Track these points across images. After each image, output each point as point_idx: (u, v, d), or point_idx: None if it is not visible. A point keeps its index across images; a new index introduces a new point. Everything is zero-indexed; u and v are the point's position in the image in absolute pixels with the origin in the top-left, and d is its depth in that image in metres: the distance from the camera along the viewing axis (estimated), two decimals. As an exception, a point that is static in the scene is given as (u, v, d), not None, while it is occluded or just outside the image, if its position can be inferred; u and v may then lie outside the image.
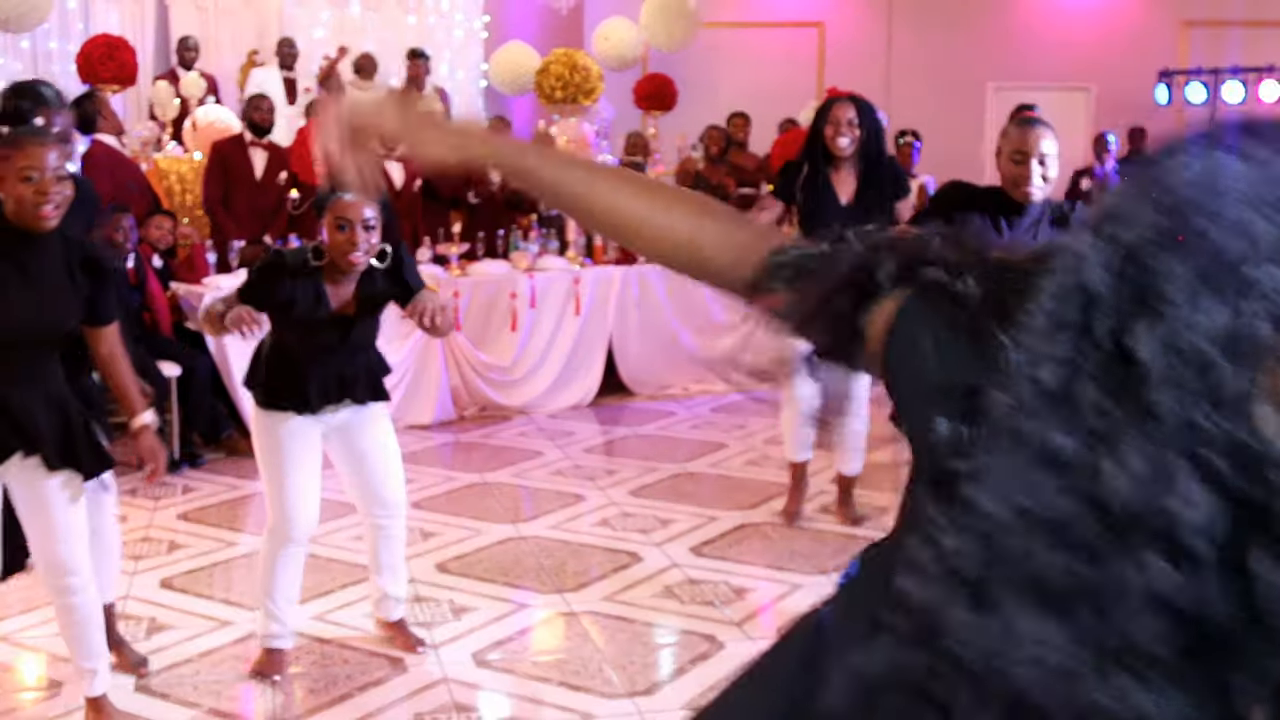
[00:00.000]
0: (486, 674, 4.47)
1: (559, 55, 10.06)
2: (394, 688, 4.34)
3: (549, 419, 8.49)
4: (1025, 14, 14.15)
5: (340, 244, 4.04)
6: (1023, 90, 13.82)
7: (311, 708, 4.19)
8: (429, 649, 4.64)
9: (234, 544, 5.85)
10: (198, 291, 7.44)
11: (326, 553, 5.71)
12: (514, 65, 11.64)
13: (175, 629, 4.83)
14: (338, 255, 4.07)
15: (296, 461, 4.26)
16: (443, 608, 5.07)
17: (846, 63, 13.85)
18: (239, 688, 4.34)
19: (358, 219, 4.00)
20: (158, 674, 4.39)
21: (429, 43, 12.07)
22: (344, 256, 4.05)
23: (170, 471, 6.98)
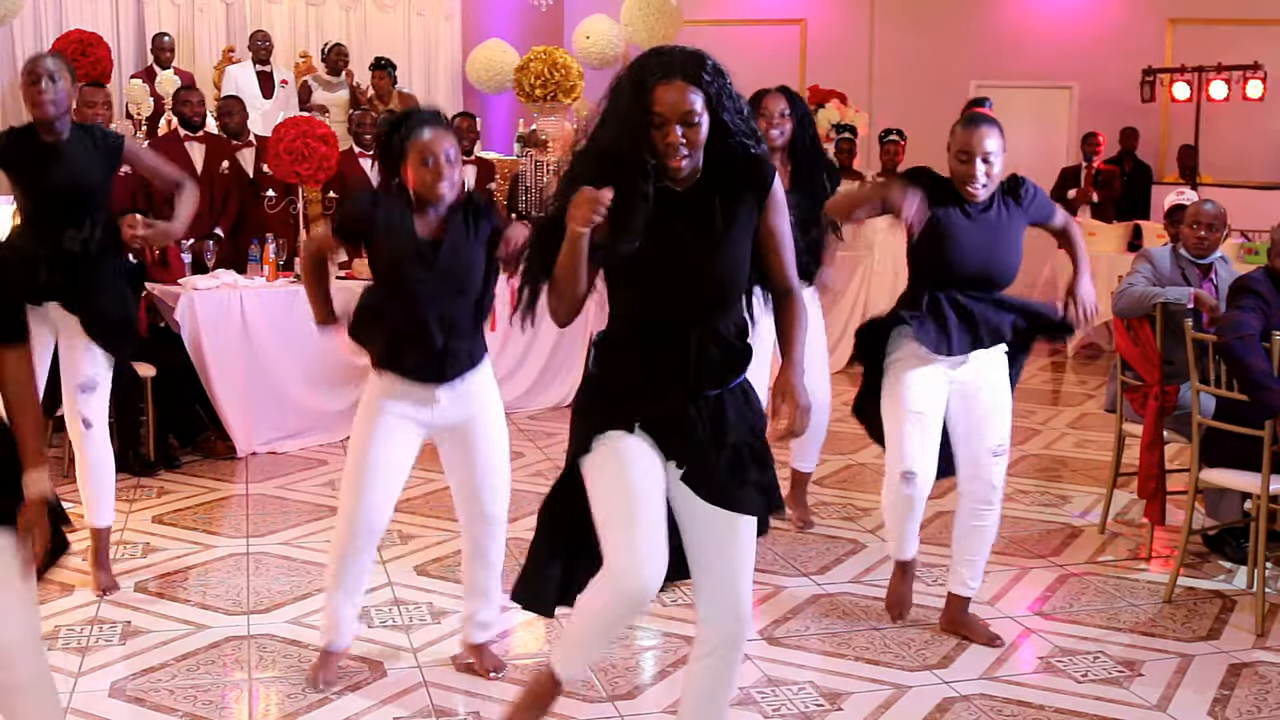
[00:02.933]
0: (466, 678, 4.41)
1: (538, 53, 9.98)
2: (373, 691, 4.28)
3: (529, 420, 8.44)
4: (1009, 11, 14.13)
5: (425, 177, 3.98)
6: (1006, 88, 13.82)
7: (290, 712, 4.13)
8: (408, 651, 4.58)
9: (210, 547, 5.78)
10: (174, 291, 7.36)
11: (304, 555, 5.65)
12: (493, 63, 11.55)
13: (151, 633, 4.76)
14: (424, 189, 4.00)
15: (383, 442, 4.14)
16: (421, 610, 5.01)
17: (829, 60, 13.81)
18: (215, 692, 4.27)
19: (440, 152, 3.98)
20: (133, 679, 4.32)
21: (406, 39, 11.98)
22: (430, 189, 3.99)
23: (147, 474, 6.92)
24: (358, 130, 9.29)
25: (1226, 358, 4.89)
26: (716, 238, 2.99)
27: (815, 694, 4.28)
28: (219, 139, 8.96)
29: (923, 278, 4.48)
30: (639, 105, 2.91)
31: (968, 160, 4.33)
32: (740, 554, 3.11)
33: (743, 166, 3.01)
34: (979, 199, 4.37)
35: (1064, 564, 5.64)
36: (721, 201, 3.00)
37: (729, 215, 3.00)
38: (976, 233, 4.38)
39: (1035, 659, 4.62)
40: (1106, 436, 6.87)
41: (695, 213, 2.99)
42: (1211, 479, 5.12)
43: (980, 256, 4.37)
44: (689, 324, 3.01)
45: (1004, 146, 4.37)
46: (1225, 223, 5.83)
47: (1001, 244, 4.41)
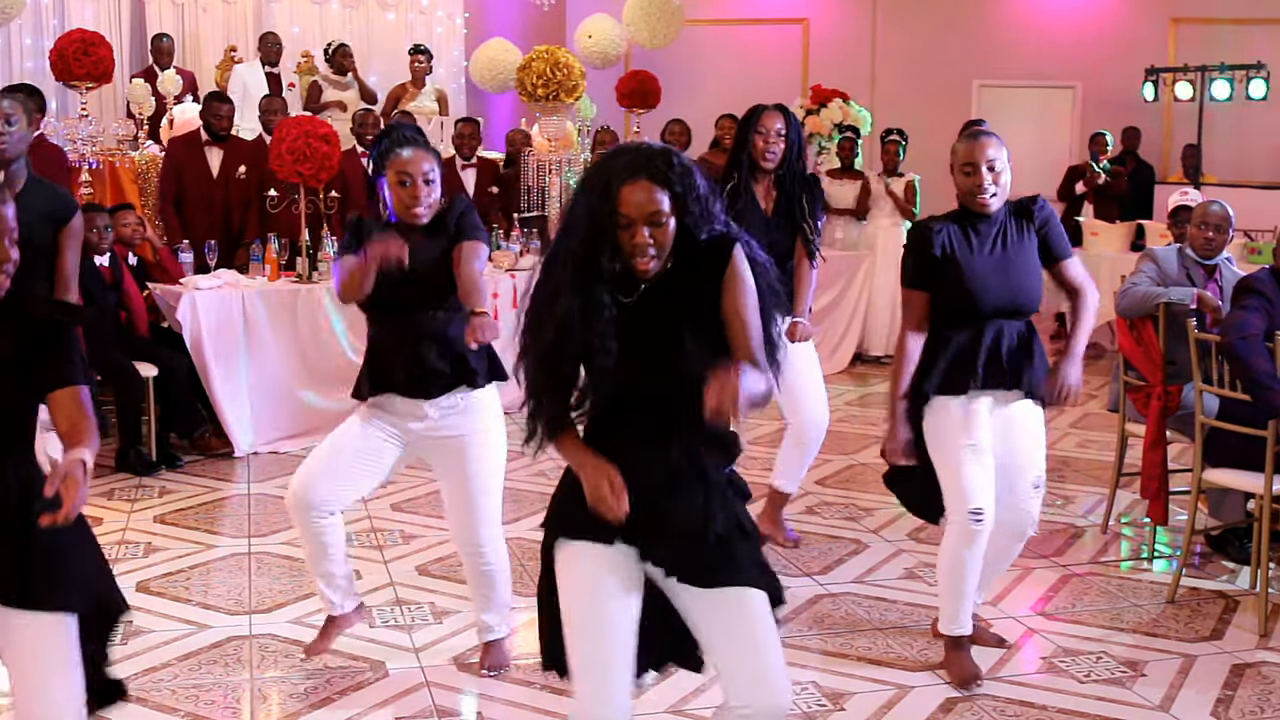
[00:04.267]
0: (468, 678, 4.41)
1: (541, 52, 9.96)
2: (375, 691, 4.28)
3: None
4: (1011, 10, 14.12)
5: (402, 198, 4.02)
6: (1008, 87, 13.82)
7: (291, 712, 4.13)
8: (409, 651, 4.58)
9: (212, 546, 5.78)
10: (175, 291, 7.36)
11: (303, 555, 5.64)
12: (495, 62, 11.56)
13: (153, 632, 4.76)
14: (400, 209, 4.05)
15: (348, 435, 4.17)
16: (423, 610, 5.00)
17: (831, 60, 13.81)
18: (217, 692, 4.27)
19: (418, 173, 4.00)
20: (135, 678, 4.31)
21: (408, 39, 11.98)
22: (407, 210, 4.03)
23: (148, 474, 6.91)
24: (359, 130, 9.30)
25: (1229, 358, 4.88)
26: (685, 330, 2.86)
27: (818, 694, 4.28)
28: (237, 144, 8.95)
29: (945, 317, 4.33)
30: (604, 207, 2.82)
31: (973, 171, 4.24)
32: (756, 628, 2.88)
33: (705, 252, 2.89)
34: (991, 208, 4.25)
35: (1067, 564, 5.64)
36: (689, 292, 2.88)
37: (695, 304, 2.88)
38: (993, 263, 4.26)
39: (1038, 659, 4.62)
40: (1109, 437, 6.86)
41: (663, 309, 2.88)
42: (1214, 479, 5.11)
43: (1001, 286, 4.22)
44: (669, 418, 2.87)
45: (1009, 158, 4.30)
46: (1232, 224, 5.81)
47: (1017, 268, 4.30)
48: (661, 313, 2.89)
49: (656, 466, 2.88)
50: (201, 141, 8.76)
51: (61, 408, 2.89)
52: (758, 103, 5.55)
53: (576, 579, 2.93)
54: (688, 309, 2.88)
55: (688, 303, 2.88)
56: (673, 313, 2.88)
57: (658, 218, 2.81)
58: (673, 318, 2.88)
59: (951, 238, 4.26)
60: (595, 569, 2.91)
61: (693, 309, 2.88)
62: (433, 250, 4.05)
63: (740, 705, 2.88)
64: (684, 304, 2.88)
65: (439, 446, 4.20)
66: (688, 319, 2.87)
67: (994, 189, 4.23)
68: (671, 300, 2.89)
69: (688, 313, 2.88)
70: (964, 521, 4.23)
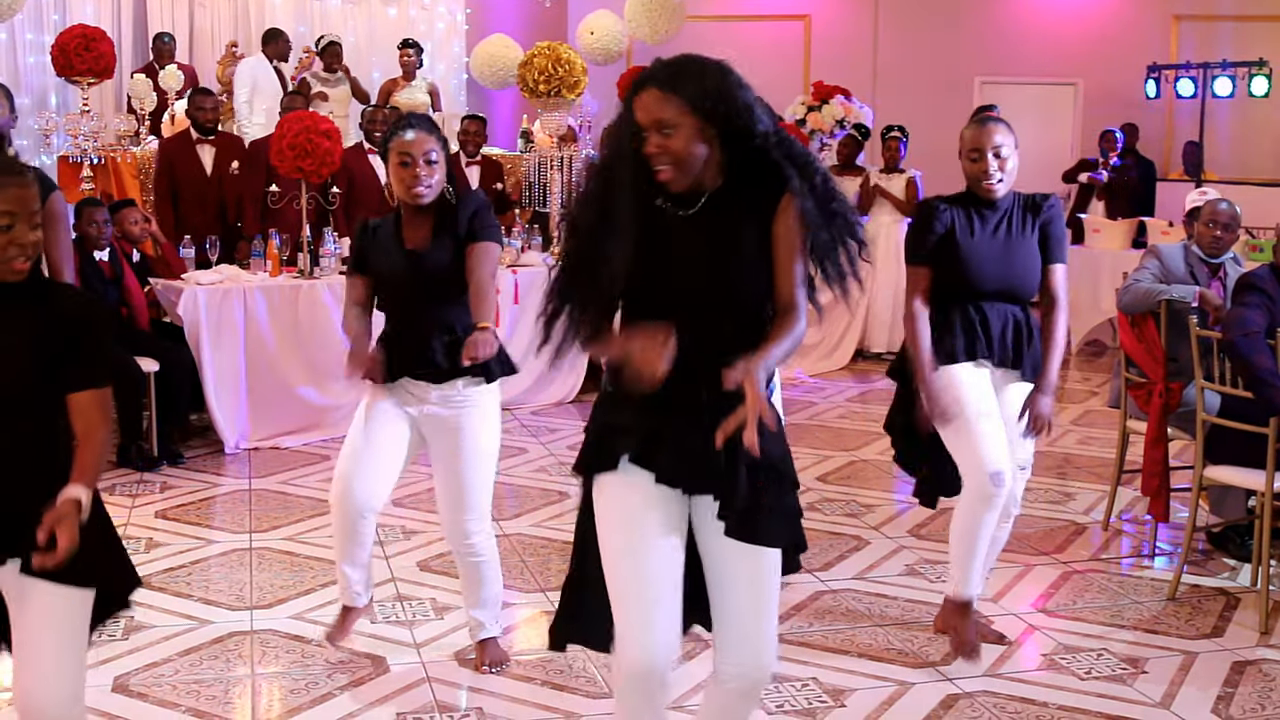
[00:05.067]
0: (469, 673, 4.40)
1: (542, 48, 9.95)
2: (376, 687, 4.27)
3: (532, 415, 8.44)
4: (1013, 7, 14.11)
5: (404, 178, 4.04)
6: (1010, 84, 13.81)
7: (293, 708, 4.13)
8: (410, 647, 4.58)
9: (213, 542, 5.78)
10: (176, 286, 7.36)
11: (306, 551, 5.65)
12: (496, 58, 11.53)
13: (154, 628, 4.76)
14: (402, 190, 4.07)
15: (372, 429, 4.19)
16: (424, 606, 5.00)
17: (833, 56, 13.79)
18: (218, 687, 4.27)
19: (419, 153, 4.02)
20: (136, 674, 4.32)
21: (409, 35, 11.97)
22: (408, 190, 4.05)
23: (149, 469, 6.92)
24: (368, 127, 9.29)
25: (1231, 355, 4.88)
26: (723, 258, 2.81)
27: (819, 690, 4.28)
28: (229, 140, 8.97)
29: (945, 294, 4.39)
30: (627, 119, 2.81)
31: (979, 158, 4.30)
32: (762, 593, 2.88)
33: (763, 176, 2.82)
34: (996, 194, 4.31)
35: (1068, 561, 5.63)
36: (735, 217, 2.82)
37: (738, 232, 2.81)
38: (994, 247, 4.31)
39: (1039, 656, 4.61)
40: (1110, 433, 6.87)
41: (703, 232, 2.81)
42: (1216, 476, 5.11)
43: (999, 270, 4.30)
44: (701, 343, 2.75)
45: (1016, 144, 4.34)
46: (1240, 223, 5.81)
47: (1018, 256, 4.35)
48: (714, 229, 2.82)
49: (688, 392, 2.78)
50: (193, 139, 8.78)
51: (80, 411, 2.88)
52: None
53: (619, 509, 2.86)
54: (739, 227, 2.82)
55: (741, 221, 2.82)
56: (724, 230, 2.82)
57: (664, 125, 2.75)
58: (724, 234, 2.82)
59: (955, 218, 4.34)
60: (639, 499, 2.83)
61: (737, 235, 2.82)
62: (444, 248, 4.07)
63: (730, 666, 2.90)
64: (736, 222, 2.82)
65: (439, 426, 4.20)
66: (738, 237, 2.82)
67: (999, 175, 4.30)
68: (725, 217, 2.83)
69: (738, 231, 2.82)
70: (984, 484, 4.27)
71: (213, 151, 8.81)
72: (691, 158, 2.78)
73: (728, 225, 2.82)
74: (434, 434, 4.23)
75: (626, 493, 2.85)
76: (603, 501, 2.90)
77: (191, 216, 8.66)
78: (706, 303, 2.81)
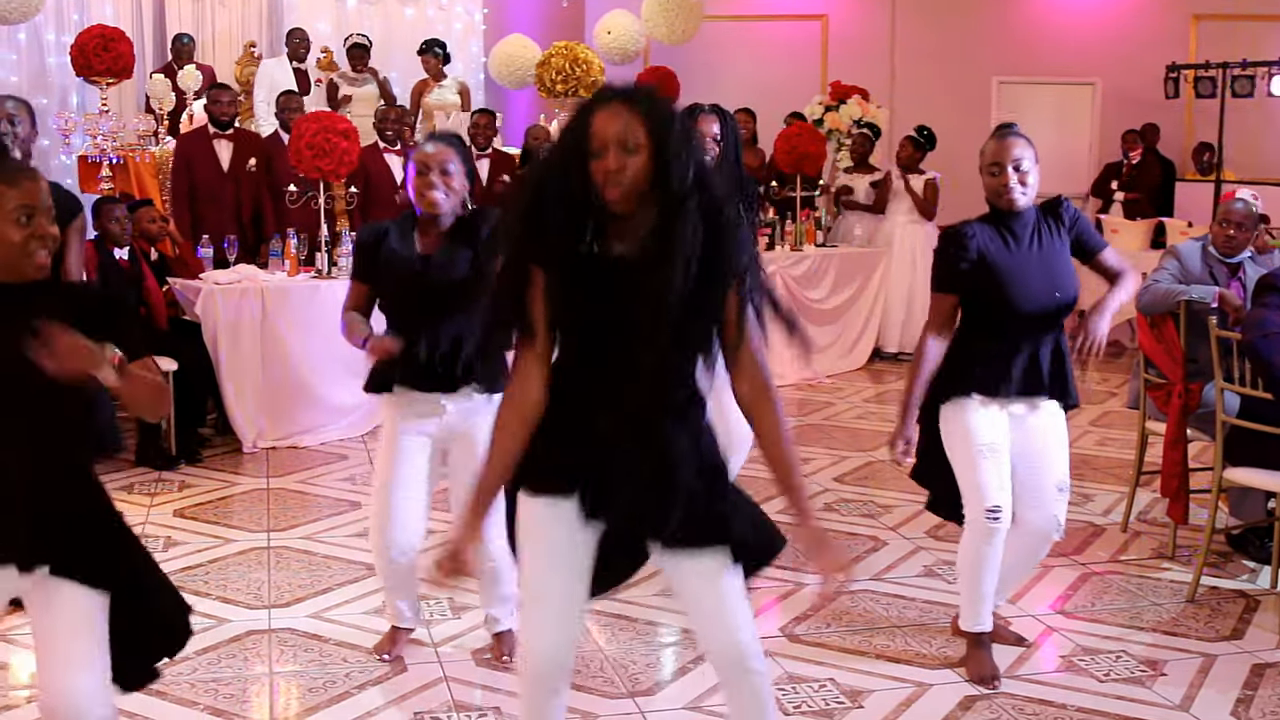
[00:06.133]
0: (486, 672, 4.41)
1: (560, 48, 9.98)
2: (393, 686, 4.28)
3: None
4: (1031, 7, 14.07)
5: (419, 186, 4.12)
6: (1028, 84, 13.76)
7: (310, 706, 4.14)
8: (428, 646, 4.59)
9: (231, 541, 5.79)
10: (195, 286, 7.39)
11: (324, 550, 5.66)
12: (514, 58, 11.56)
13: (171, 627, 4.76)
14: (419, 198, 4.14)
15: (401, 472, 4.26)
16: (442, 605, 5.01)
17: (850, 56, 13.76)
18: (236, 686, 4.28)
19: (436, 164, 4.10)
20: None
21: (428, 35, 11.98)
22: (422, 197, 4.12)
23: (168, 468, 6.94)
24: (380, 125, 9.31)
25: (1251, 356, 4.86)
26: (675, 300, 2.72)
27: (836, 691, 4.27)
28: (247, 137, 9.00)
29: (980, 323, 4.31)
30: (578, 136, 2.73)
31: (999, 171, 4.25)
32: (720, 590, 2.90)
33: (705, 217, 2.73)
34: (1018, 206, 4.24)
35: (1086, 562, 5.62)
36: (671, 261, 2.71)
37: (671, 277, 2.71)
38: (1033, 261, 4.26)
39: (1057, 658, 4.60)
40: (1129, 435, 6.84)
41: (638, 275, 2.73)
42: (1235, 478, 5.09)
43: (1043, 283, 4.21)
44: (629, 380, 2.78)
45: (1036, 158, 4.31)
46: (1257, 222, 5.78)
47: (1058, 265, 4.30)
48: (648, 274, 2.72)
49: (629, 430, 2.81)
50: (210, 135, 8.80)
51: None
52: (696, 103, 5.48)
53: (544, 542, 2.91)
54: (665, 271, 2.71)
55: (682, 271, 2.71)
56: (661, 277, 2.71)
57: (627, 142, 2.69)
58: (660, 283, 2.71)
59: (987, 241, 4.25)
60: (564, 532, 2.88)
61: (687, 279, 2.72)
62: (460, 258, 4.11)
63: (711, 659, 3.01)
64: (674, 271, 2.71)
65: (456, 438, 4.25)
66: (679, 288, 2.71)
67: (1020, 189, 4.24)
68: (660, 261, 2.72)
69: (679, 282, 2.71)
70: (981, 519, 4.23)
71: (230, 147, 8.84)
72: (640, 185, 2.72)
73: (656, 264, 2.73)
74: (451, 445, 4.29)
75: (552, 523, 2.89)
76: (530, 527, 2.94)
77: (208, 212, 8.67)
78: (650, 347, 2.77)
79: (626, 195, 2.73)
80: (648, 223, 2.75)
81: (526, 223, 2.77)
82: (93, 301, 2.99)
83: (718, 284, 2.79)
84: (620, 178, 2.71)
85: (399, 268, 4.17)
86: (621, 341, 2.77)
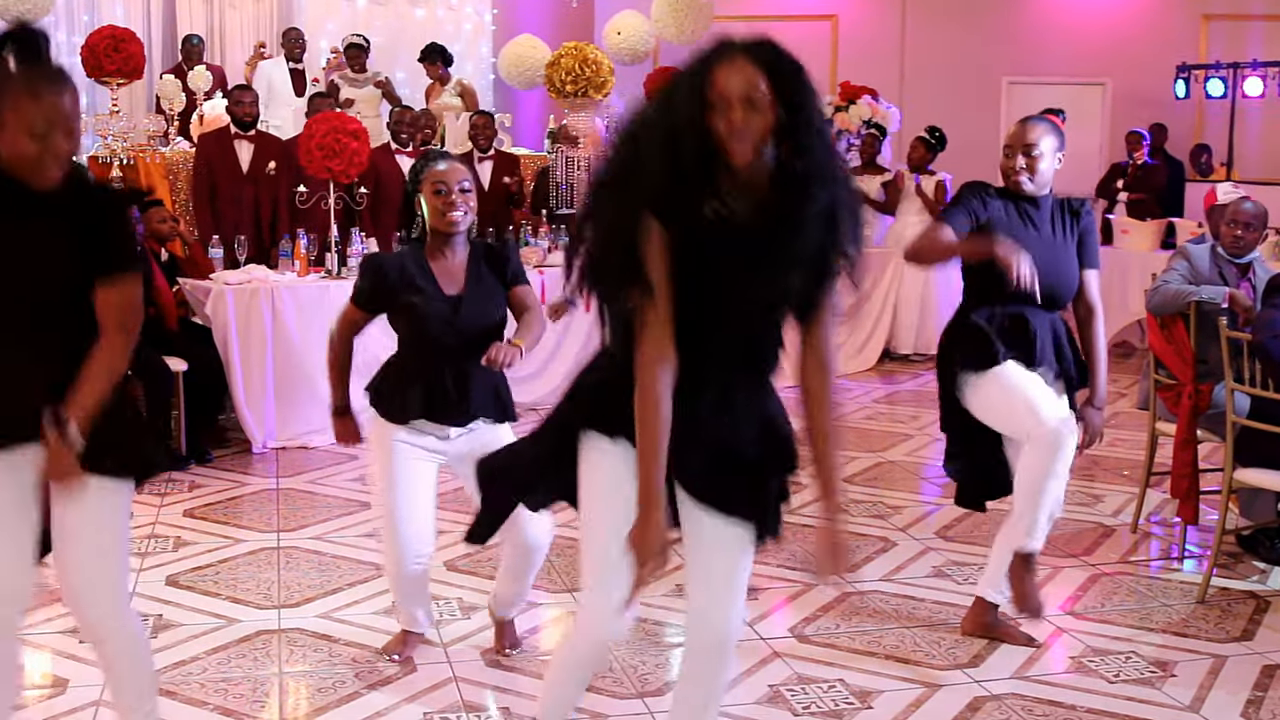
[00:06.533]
0: (496, 673, 4.41)
1: (569, 49, 9.96)
2: (403, 686, 4.28)
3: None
4: (1041, 7, 14.05)
5: (438, 206, 4.09)
6: (1038, 85, 13.74)
7: (320, 706, 4.14)
8: (437, 646, 4.59)
9: (240, 541, 5.80)
10: (205, 286, 7.40)
11: (334, 550, 5.67)
12: (523, 58, 11.56)
13: (182, 626, 4.78)
14: (437, 218, 4.10)
15: (406, 479, 4.21)
16: (451, 605, 5.01)
17: (860, 57, 13.76)
18: (246, 685, 4.29)
19: (454, 182, 4.08)
20: (164, 671, 4.33)
21: (437, 36, 12.00)
22: (442, 217, 4.09)
23: (177, 468, 6.95)
24: (395, 127, 9.33)
25: (1261, 356, 4.85)
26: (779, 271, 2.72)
27: (845, 692, 4.27)
28: (268, 139, 9.00)
29: (986, 295, 4.38)
30: (694, 98, 2.65)
31: (1011, 154, 4.37)
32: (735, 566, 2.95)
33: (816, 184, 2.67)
34: (1024, 189, 4.34)
35: (1096, 563, 5.61)
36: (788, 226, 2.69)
37: (793, 244, 2.70)
38: (1040, 248, 4.29)
39: (1067, 659, 4.60)
40: (1139, 435, 6.82)
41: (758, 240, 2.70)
42: (1245, 479, 5.08)
43: (1046, 272, 4.23)
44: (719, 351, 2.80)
45: (1057, 146, 4.34)
46: (1265, 222, 5.77)
47: (1062, 259, 4.35)
48: (771, 239, 2.70)
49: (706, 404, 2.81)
50: (231, 135, 8.81)
51: (104, 300, 3.00)
52: None
53: (604, 481, 2.89)
54: (793, 239, 2.70)
55: (792, 231, 2.69)
56: (780, 241, 2.70)
57: (755, 97, 2.62)
58: (781, 246, 2.70)
59: (1001, 210, 4.35)
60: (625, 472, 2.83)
61: (796, 240, 2.70)
62: (494, 303, 4.15)
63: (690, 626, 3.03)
64: (790, 233, 2.69)
65: (462, 460, 4.21)
66: (794, 250, 2.70)
67: (1026, 173, 4.31)
68: (779, 226, 2.69)
69: (793, 243, 2.70)
70: (1056, 429, 4.27)
71: (251, 148, 8.84)
72: (763, 143, 2.66)
73: (781, 236, 2.71)
74: (460, 465, 4.24)
75: (622, 467, 2.85)
76: (596, 466, 2.92)
77: (227, 214, 8.69)
78: (749, 315, 2.78)
79: (753, 153, 2.65)
80: (763, 185, 2.70)
81: (644, 177, 2.67)
82: (93, 213, 3.02)
83: (828, 259, 2.75)
84: (746, 134, 2.63)
85: (427, 311, 4.10)
86: (723, 305, 2.74)
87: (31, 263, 2.94)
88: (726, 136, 2.64)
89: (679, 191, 2.66)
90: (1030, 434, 4.34)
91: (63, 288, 2.98)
